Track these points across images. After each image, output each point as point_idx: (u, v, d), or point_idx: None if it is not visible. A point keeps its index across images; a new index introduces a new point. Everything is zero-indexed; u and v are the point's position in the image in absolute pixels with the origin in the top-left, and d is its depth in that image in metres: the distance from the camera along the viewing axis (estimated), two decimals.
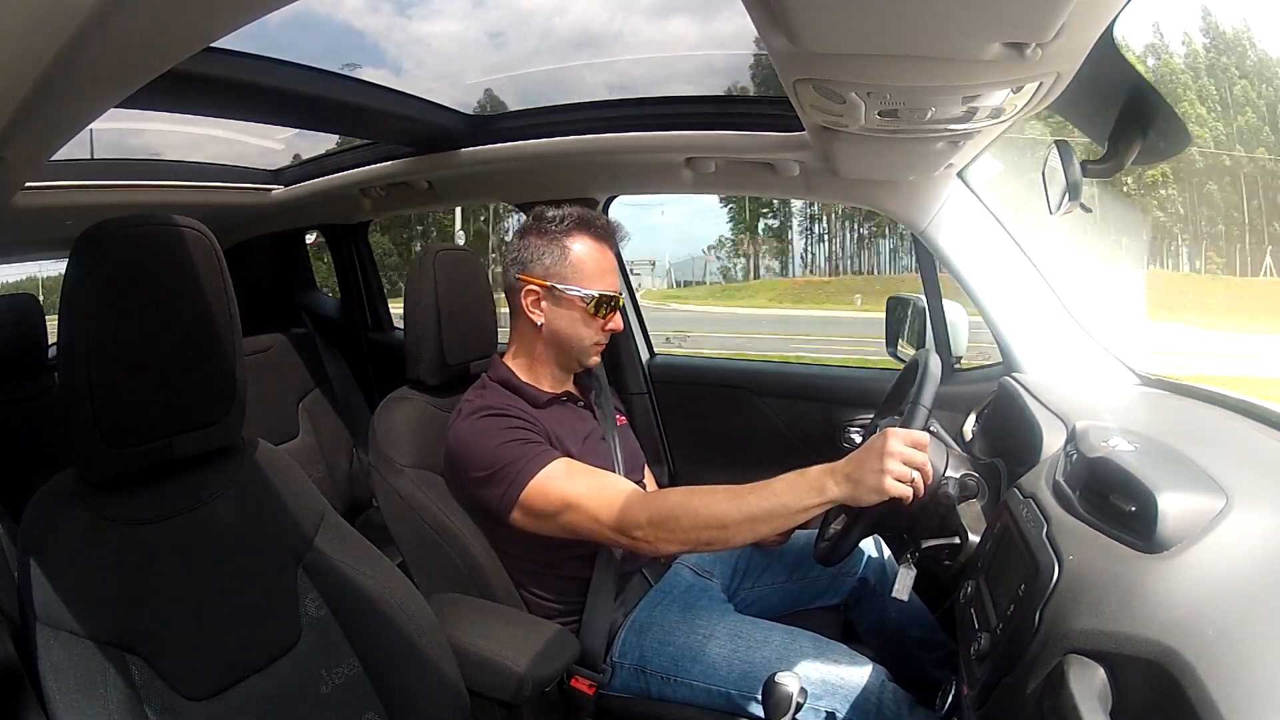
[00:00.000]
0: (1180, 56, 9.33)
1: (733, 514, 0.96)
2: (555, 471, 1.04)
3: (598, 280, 1.15)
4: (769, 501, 0.95)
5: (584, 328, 1.16)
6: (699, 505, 0.98)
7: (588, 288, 1.14)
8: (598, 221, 1.17)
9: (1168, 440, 0.77)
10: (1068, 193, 1.05)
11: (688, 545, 1.01)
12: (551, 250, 1.15)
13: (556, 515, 1.03)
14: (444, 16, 18.66)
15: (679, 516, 0.98)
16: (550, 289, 1.15)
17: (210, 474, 0.84)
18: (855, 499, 0.93)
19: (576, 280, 1.14)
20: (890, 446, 0.91)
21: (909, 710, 1.01)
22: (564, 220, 1.16)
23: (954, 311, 1.48)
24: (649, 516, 0.99)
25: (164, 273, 0.77)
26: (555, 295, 1.15)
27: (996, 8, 0.63)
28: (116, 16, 0.46)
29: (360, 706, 0.86)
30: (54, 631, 0.68)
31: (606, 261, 1.17)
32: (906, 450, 0.91)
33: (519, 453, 1.05)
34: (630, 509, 1.00)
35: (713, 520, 0.96)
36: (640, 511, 0.99)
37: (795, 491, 0.95)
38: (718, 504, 0.97)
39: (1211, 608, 0.52)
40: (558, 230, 1.16)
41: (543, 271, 1.15)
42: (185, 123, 1.74)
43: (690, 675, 1.06)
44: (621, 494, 1.02)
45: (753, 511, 0.95)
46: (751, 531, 0.97)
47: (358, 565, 0.90)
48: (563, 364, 1.20)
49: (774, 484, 0.97)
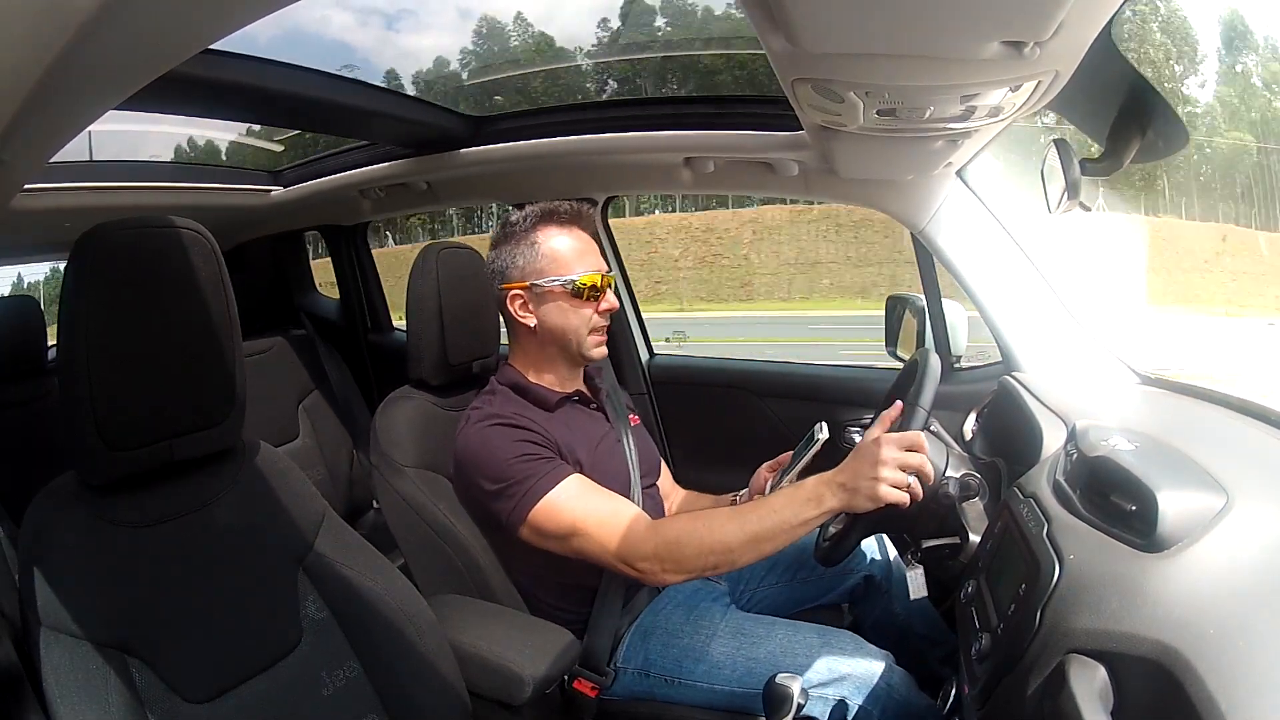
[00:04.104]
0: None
1: (737, 537, 0.96)
2: (565, 493, 1.03)
3: (575, 264, 1.14)
4: (770, 519, 0.95)
5: (574, 316, 1.15)
6: (703, 532, 0.97)
7: (565, 274, 1.13)
8: (560, 209, 1.16)
9: (1168, 439, 0.77)
10: (1067, 191, 1.05)
11: (694, 574, 1.00)
12: (522, 250, 1.15)
13: (564, 539, 1.03)
14: (433, 30, 18.81)
15: (684, 545, 0.97)
16: (530, 288, 1.15)
17: (210, 476, 0.84)
18: (852, 507, 0.94)
19: (553, 270, 1.14)
20: (884, 455, 0.91)
21: (917, 693, 1.02)
22: (527, 218, 1.16)
23: (953, 311, 1.48)
24: (654, 549, 0.98)
25: (163, 275, 0.77)
26: (537, 292, 1.15)
27: (995, 7, 0.63)
28: (115, 19, 0.46)
29: (361, 709, 0.86)
30: (54, 634, 0.68)
31: (580, 244, 1.16)
32: (901, 455, 0.92)
33: (529, 470, 1.04)
34: (635, 540, 0.99)
35: (718, 545, 0.96)
36: (645, 543, 0.99)
37: (793, 506, 0.95)
38: (721, 528, 0.97)
39: (1212, 606, 0.52)
40: (523, 230, 1.16)
41: (519, 274, 1.15)
42: (185, 124, 1.74)
43: (694, 676, 1.06)
44: (629, 523, 1.00)
45: (756, 532, 0.95)
46: (756, 552, 0.97)
47: (358, 567, 0.90)
48: (567, 360, 1.19)
49: (771, 501, 0.98)
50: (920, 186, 1.34)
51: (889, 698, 1.00)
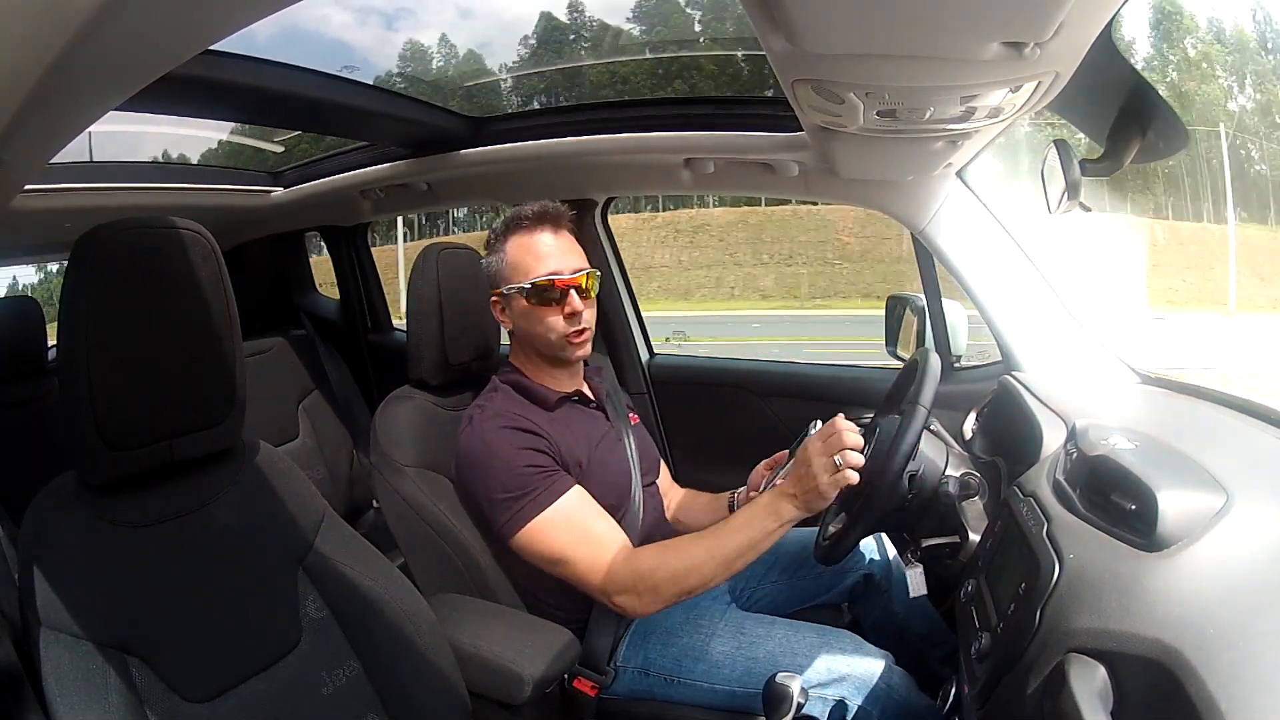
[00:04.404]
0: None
1: (707, 561, 1.00)
2: (555, 517, 1.04)
3: (534, 269, 1.14)
4: (737, 539, 1.00)
5: (538, 322, 1.15)
6: (674, 561, 1.01)
7: (521, 280, 1.14)
8: (525, 214, 1.17)
9: (1168, 438, 0.77)
10: (1067, 192, 1.05)
11: (670, 601, 1.03)
12: (494, 259, 1.17)
13: (549, 564, 1.06)
14: (431, 29, 18.73)
15: (657, 575, 1.01)
16: (503, 294, 1.17)
17: (210, 476, 0.84)
18: (809, 509, 0.99)
19: (514, 277, 1.15)
20: (811, 454, 0.98)
21: (917, 694, 1.02)
22: (501, 225, 1.18)
23: (953, 310, 1.48)
24: (630, 582, 1.01)
25: (164, 275, 0.77)
26: (506, 298, 1.17)
27: (995, 7, 0.63)
28: (115, 19, 0.46)
29: (361, 708, 0.86)
30: (55, 634, 0.68)
31: (544, 247, 1.15)
32: (827, 444, 0.97)
33: (525, 484, 1.05)
34: (614, 575, 1.02)
35: (689, 571, 1.00)
36: (622, 578, 1.02)
37: (756, 523, 1.00)
38: (691, 555, 1.01)
39: (1212, 606, 0.52)
40: (495, 238, 1.18)
41: (494, 281, 1.18)
42: (185, 124, 1.74)
43: (693, 675, 1.06)
44: (610, 557, 1.03)
45: (725, 555, 1.00)
46: (728, 571, 1.01)
47: (358, 566, 0.90)
48: (551, 361, 1.19)
49: (733, 521, 1.02)
50: (920, 187, 1.34)
51: (888, 698, 1.01)
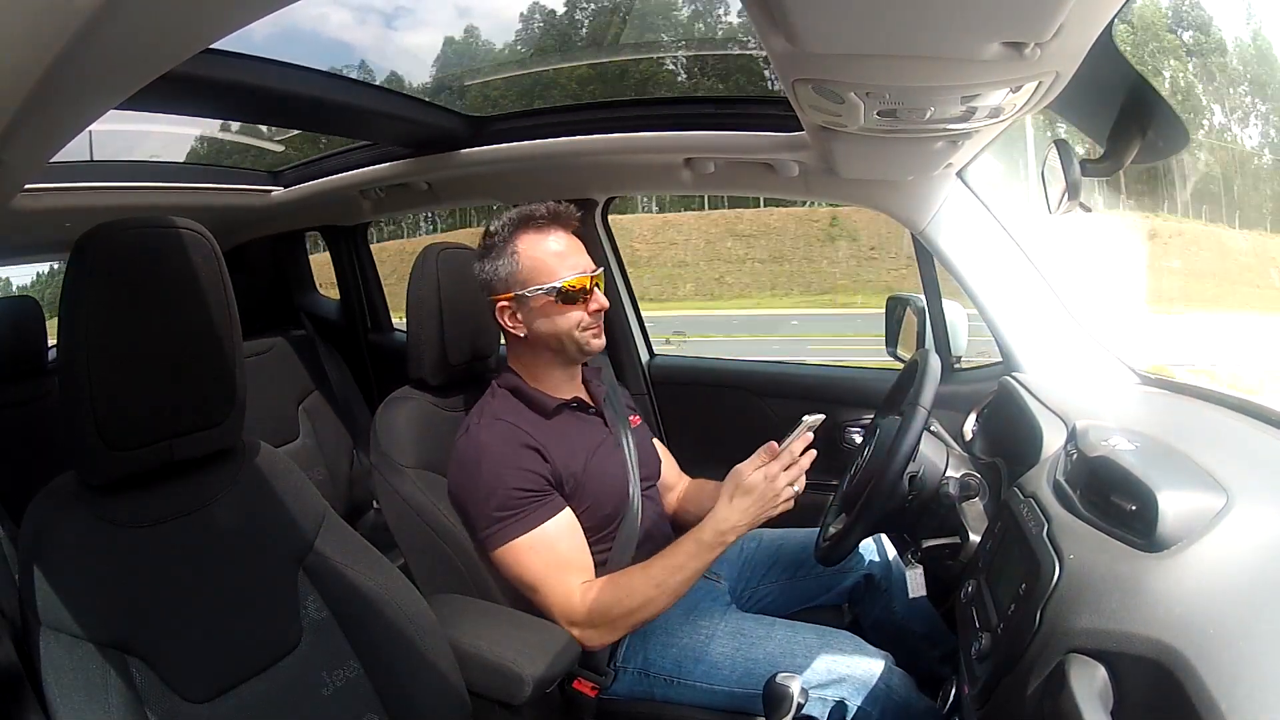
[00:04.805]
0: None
1: (659, 596, 1.03)
2: (533, 543, 1.05)
3: (557, 269, 1.13)
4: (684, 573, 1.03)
5: (563, 321, 1.14)
6: (623, 595, 1.03)
7: (548, 281, 1.12)
8: (536, 214, 1.15)
9: (1168, 439, 0.77)
10: (1067, 192, 1.05)
11: (623, 632, 1.06)
12: (503, 262, 1.14)
13: (517, 584, 1.07)
14: (430, 27, 18.65)
15: (609, 609, 1.03)
16: (516, 298, 1.14)
17: (210, 476, 0.84)
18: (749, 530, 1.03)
19: (536, 279, 1.13)
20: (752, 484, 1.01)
21: (916, 694, 1.02)
22: (505, 227, 1.15)
23: (953, 311, 1.48)
24: (586, 615, 1.04)
25: (164, 275, 0.77)
26: (523, 302, 1.14)
27: (995, 8, 0.63)
28: (115, 19, 0.46)
29: (361, 708, 0.86)
30: (55, 634, 0.68)
31: (561, 246, 1.15)
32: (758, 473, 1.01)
33: (510, 505, 1.05)
34: (574, 609, 1.04)
35: (645, 605, 1.03)
36: (579, 611, 1.04)
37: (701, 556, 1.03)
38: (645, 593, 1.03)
39: (1212, 606, 0.52)
40: (502, 240, 1.15)
41: (504, 285, 1.14)
42: (185, 124, 1.74)
43: (693, 676, 1.06)
44: (576, 590, 1.05)
45: (677, 587, 1.03)
46: (675, 596, 1.04)
47: (358, 567, 0.90)
48: (563, 362, 1.18)
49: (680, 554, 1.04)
50: (920, 187, 1.34)
51: (888, 698, 1.01)
